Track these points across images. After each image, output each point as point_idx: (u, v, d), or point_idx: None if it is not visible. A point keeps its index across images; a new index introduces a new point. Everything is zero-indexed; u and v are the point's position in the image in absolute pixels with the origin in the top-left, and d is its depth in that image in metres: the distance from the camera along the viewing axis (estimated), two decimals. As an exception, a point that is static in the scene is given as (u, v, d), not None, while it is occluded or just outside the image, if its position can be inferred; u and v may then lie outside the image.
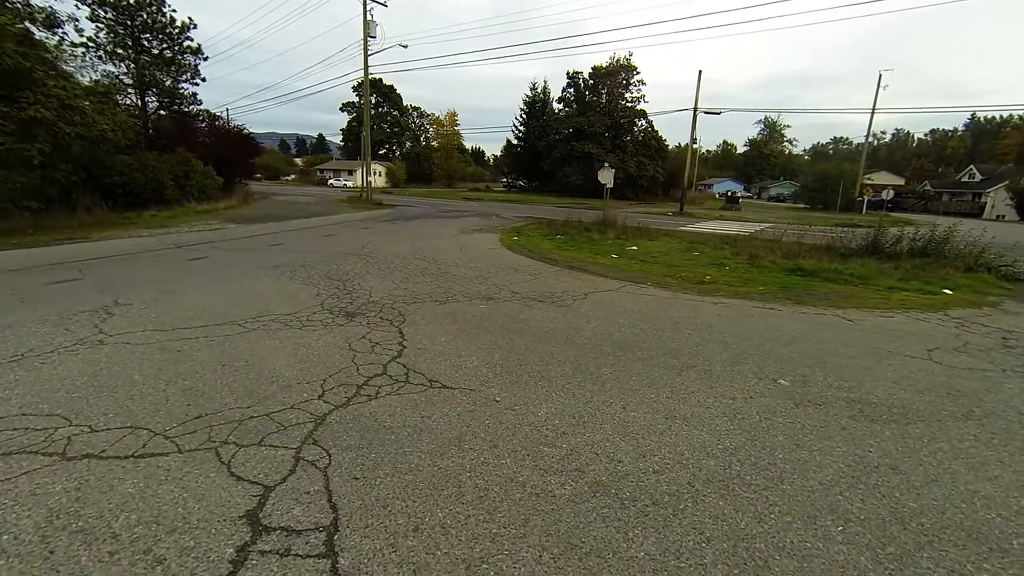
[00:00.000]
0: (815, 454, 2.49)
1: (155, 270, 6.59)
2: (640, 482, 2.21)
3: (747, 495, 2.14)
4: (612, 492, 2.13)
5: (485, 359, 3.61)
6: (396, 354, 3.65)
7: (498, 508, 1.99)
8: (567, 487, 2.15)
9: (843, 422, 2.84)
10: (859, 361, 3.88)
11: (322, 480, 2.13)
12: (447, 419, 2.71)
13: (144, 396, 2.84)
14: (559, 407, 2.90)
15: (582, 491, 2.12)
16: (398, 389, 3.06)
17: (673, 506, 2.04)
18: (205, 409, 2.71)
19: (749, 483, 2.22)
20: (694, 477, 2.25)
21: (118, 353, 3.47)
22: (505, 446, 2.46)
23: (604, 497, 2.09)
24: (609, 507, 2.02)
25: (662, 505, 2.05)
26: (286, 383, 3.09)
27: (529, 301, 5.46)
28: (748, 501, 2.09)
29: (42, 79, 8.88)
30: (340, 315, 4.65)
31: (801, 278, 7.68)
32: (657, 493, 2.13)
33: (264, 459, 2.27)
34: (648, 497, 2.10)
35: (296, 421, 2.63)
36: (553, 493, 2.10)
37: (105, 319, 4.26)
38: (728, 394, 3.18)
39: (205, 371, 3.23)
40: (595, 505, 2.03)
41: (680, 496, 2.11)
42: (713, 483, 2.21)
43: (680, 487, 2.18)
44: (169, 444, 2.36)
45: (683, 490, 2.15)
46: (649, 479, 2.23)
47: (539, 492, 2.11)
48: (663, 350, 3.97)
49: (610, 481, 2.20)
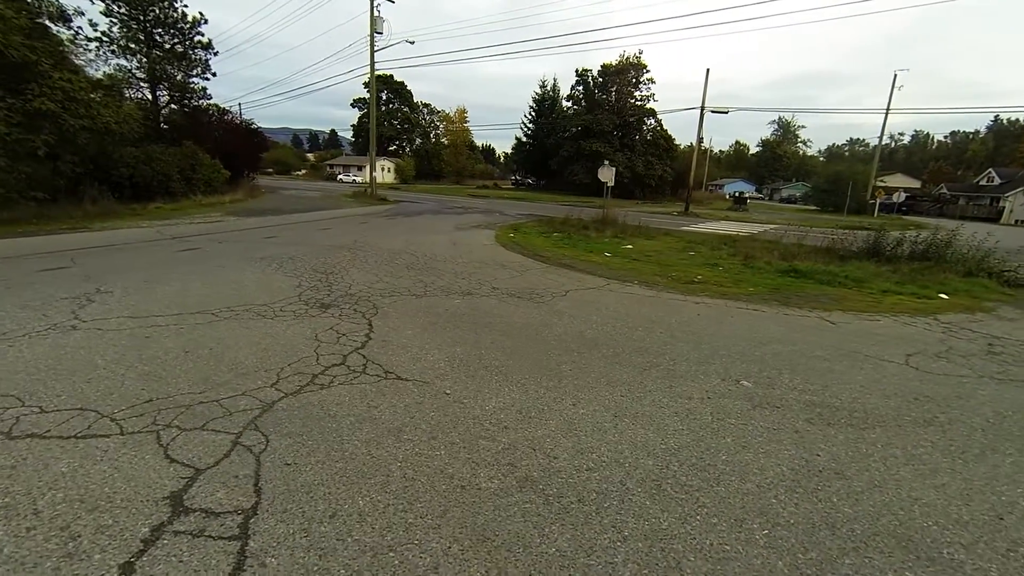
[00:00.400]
0: (760, 456, 2.43)
1: (145, 259, 6.74)
2: (571, 479, 2.18)
3: (678, 495, 2.10)
4: (539, 488, 2.11)
5: (447, 353, 3.61)
6: (360, 345, 3.68)
7: (419, 498, 1.99)
8: (495, 481, 2.13)
9: (798, 425, 2.77)
10: (831, 364, 3.78)
11: (254, 465, 2.16)
12: (393, 410, 2.71)
13: (101, 380, 2.90)
14: (508, 401, 2.88)
15: (509, 486, 2.11)
16: (352, 379, 3.08)
17: (598, 504, 2.01)
18: (158, 394, 2.76)
19: (683, 484, 2.18)
20: (628, 476, 2.22)
21: (87, 339, 3.56)
22: (444, 438, 2.46)
23: (530, 492, 2.07)
24: (532, 502, 2.00)
25: (587, 503, 2.02)
26: (244, 371, 3.13)
27: (507, 297, 5.44)
28: (677, 502, 2.05)
29: (48, 72, 9.13)
30: (315, 306, 4.69)
31: (794, 279, 7.52)
32: (585, 491, 2.10)
33: (203, 443, 2.30)
34: (575, 494, 2.07)
35: (244, 407, 2.66)
36: (479, 487, 2.09)
37: (84, 306, 4.37)
38: (686, 394, 3.12)
39: (168, 357, 3.29)
40: (518, 500, 2.01)
41: (608, 494, 2.08)
42: (646, 482, 2.18)
43: (610, 485, 2.15)
44: (113, 426, 2.41)
45: (612, 488, 2.12)
46: (581, 476, 2.21)
47: (465, 485, 2.10)
48: (630, 348, 3.92)
49: (540, 477, 2.18)
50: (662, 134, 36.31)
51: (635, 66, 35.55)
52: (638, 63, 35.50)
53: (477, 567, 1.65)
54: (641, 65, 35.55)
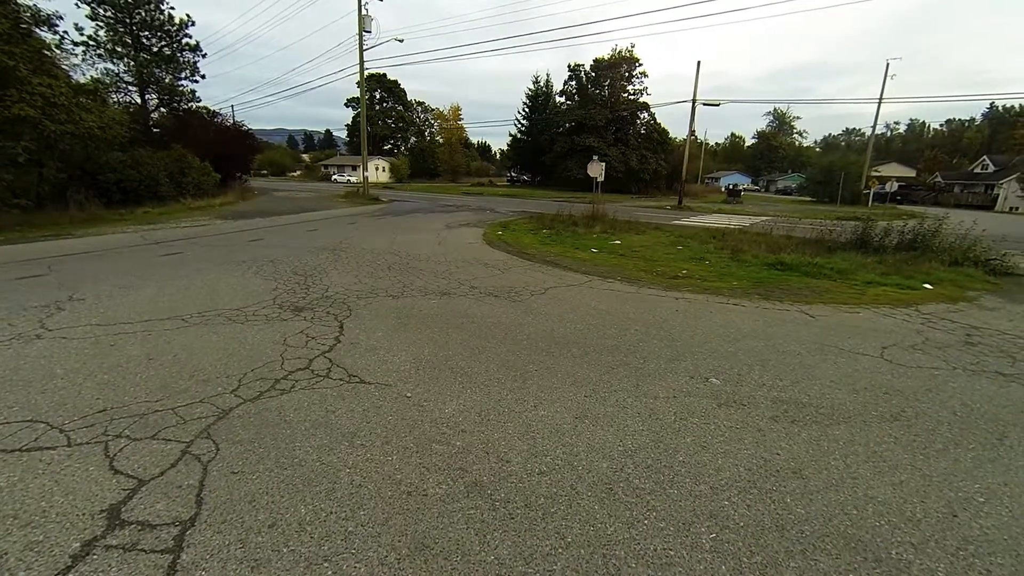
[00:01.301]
0: (718, 457, 2.40)
1: (124, 265, 6.69)
2: (521, 483, 2.15)
3: (628, 499, 2.07)
4: (487, 493, 2.08)
5: (414, 355, 3.58)
6: (327, 348, 3.64)
7: (363, 506, 1.96)
8: (443, 487, 2.11)
9: (762, 424, 2.74)
10: (804, 359, 3.74)
11: (200, 474, 2.13)
12: (350, 414, 2.68)
13: (57, 390, 2.87)
14: (468, 404, 2.85)
15: (457, 491, 2.08)
16: (314, 384, 3.04)
17: (544, 509, 1.98)
18: (113, 403, 2.73)
19: (635, 487, 2.15)
20: (579, 479, 2.19)
21: (50, 348, 3.52)
22: (397, 443, 2.43)
23: (477, 498, 2.04)
24: (478, 508, 1.98)
25: (534, 508, 1.99)
26: (205, 377, 3.10)
27: (485, 296, 5.40)
28: (626, 506, 2.02)
29: (26, 77, 9.03)
30: (288, 310, 4.65)
31: (779, 272, 7.48)
32: (534, 496, 2.07)
33: (151, 453, 2.27)
34: (523, 499, 2.04)
35: (199, 415, 2.63)
36: (426, 492, 2.06)
37: (52, 314, 4.33)
38: (652, 393, 3.09)
39: (130, 365, 3.26)
40: (464, 506, 1.99)
41: (556, 499, 2.05)
42: (597, 486, 2.15)
43: (561, 490, 2.12)
44: (61, 438, 2.37)
45: (562, 493, 2.09)
46: (532, 480, 2.17)
47: (412, 491, 2.07)
48: (601, 347, 3.88)
49: (489, 482, 2.15)
50: (656, 128, 36.12)
51: (628, 60, 35.30)
52: (631, 57, 35.25)
53: (411, 577, 1.63)
54: (634, 59, 35.30)
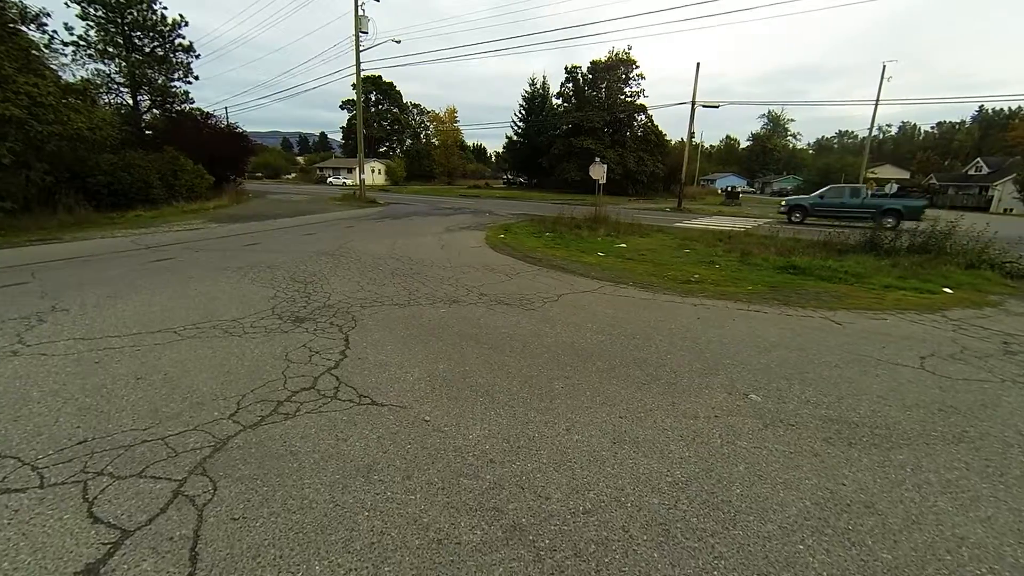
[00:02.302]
0: (779, 488, 2.16)
1: (113, 272, 6.34)
2: (565, 525, 1.89)
3: (690, 543, 1.81)
4: (529, 539, 1.81)
5: (428, 371, 3.31)
6: (333, 365, 3.35)
7: (388, 560, 1.69)
8: (478, 532, 1.84)
9: (816, 447, 2.51)
10: (843, 371, 3.53)
11: (195, 521, 1.84)
12: (363, 443, 2.40)
13: (32, 417, 2.56)
14: (494, 429, 2.58)
15: (494, 537, 1.81)
16: (321, 406, 2.76)
17: (597, 559, 1.72)
18: (95, 432, 2.43)
19: (695, 528, 1.90)
20: (631, 519, 1.93)
21: (27, 365, 3.20)
22: (420, 477, 2.16)
23: (518, 546, 1.77)
24: (520, 559, 1.71)
25: (584, 557, 1.73)
26: (199, 399, 2.80)
27: (496, 304, 5.14)
28: (689, 552, 1.77)
29: (11, 76, 8.65)
30: (288, 321, 4.35)
31: (793, 276, 7.30)
32: (582, 541, 1.81)
33: (137, 495, 1.98)
34: (570, 547, 1.78)
35: (193, 445, 2.33)
36: (459, 540, 1.80)
37: (32, 327, 4.00)
38: (691, 412, 2.85)
39: (115, 386, 2.95)
40: (504, 556, 1.72)
41: (609, 545, 1.79)
42: (652, 527, 1.89)
43: (612, 532, 1.86)
44: (33, 476, 2.07)
45: (614, 536, 1.84)
46: (577, 521, 1.91)
47: (443, 538, 1.80)
48: (628, 360, 3.63)
49: (529, 525, 1.89)
50: (653, 130, 36.15)
51: (624, 62, 35.36)
52: (627, 59, 35.31)
53: (452, 656, 1.36)
54: (630, 61, 35.36)
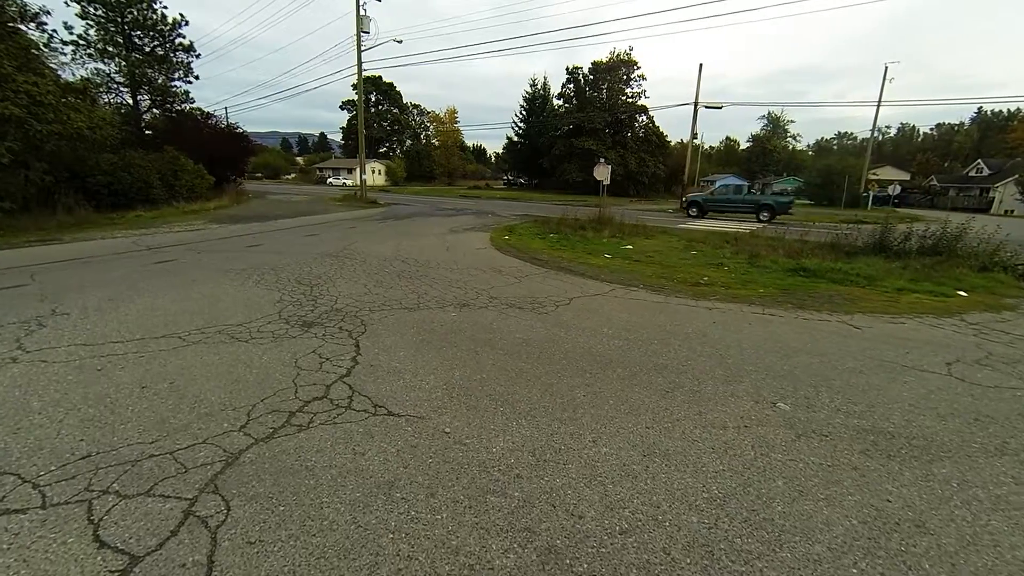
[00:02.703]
0: (822, 506, 2.05)
1: (114, 274, 6.21)
2: (603, 548, 1.78)
3: (736, 567, 1.71)
4: (566, 563, 1.70)
5: (444, 378, 3.19)
6: (345, 372, 3.24)
7: (417, 588, 1.58)
8: (511, 556, 1.73)
9: (854, 459, 2.40)
10: (869, 378, 3.43)
11: (208, 546, 1.72)
12: (382, 457, 2.29)
13: (33, 429, 2.44)
14: (518, 441, 2.47)
15: (528, 561, 1.70)
16: (336, 417, 2.65)
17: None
18: (99, 446, 2.31)
19: (739, 549, 1.79)
20: (671, 540, 1.83)
21: (27, 374, 3.08)
22: (445, 494, 2.04)
23: (555, 571, 1.66)
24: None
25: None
26: (208, 410, 2.68)
27: (507, 308, 5.03)
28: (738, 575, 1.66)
29: (11, 75, 8.51)
30: (296, 325, 4.24)
31: (804, 279, 7.20)
32: (623, 565, 1.70)
33: (145, 515, 1.86)
34: (610, 571, 1.67)
35: (203, 460, 2.22)
36: (492, 564, 1.68)
37: (31, 332, 3.87)
38: (719, 422, 2.74)
39: (119, 395, 2.83)
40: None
41: (651, 570, 1.68)
42: (694, 549, 1.79)
43: (653, 555, 1.75)
44: (35, 496, 1.95)
45: (655, 560, 1.73)
46: (615, 543, 1.81)
47: (474, 563, 1.69)
48: (648, 366, 3.53)
49: (565, 547, 1.78)
50: (654, 131, 36.14)
51: (626, 63, 35.34)
52: (629, 60, 35.30)
53: None
54: (632, 62, 35.35)
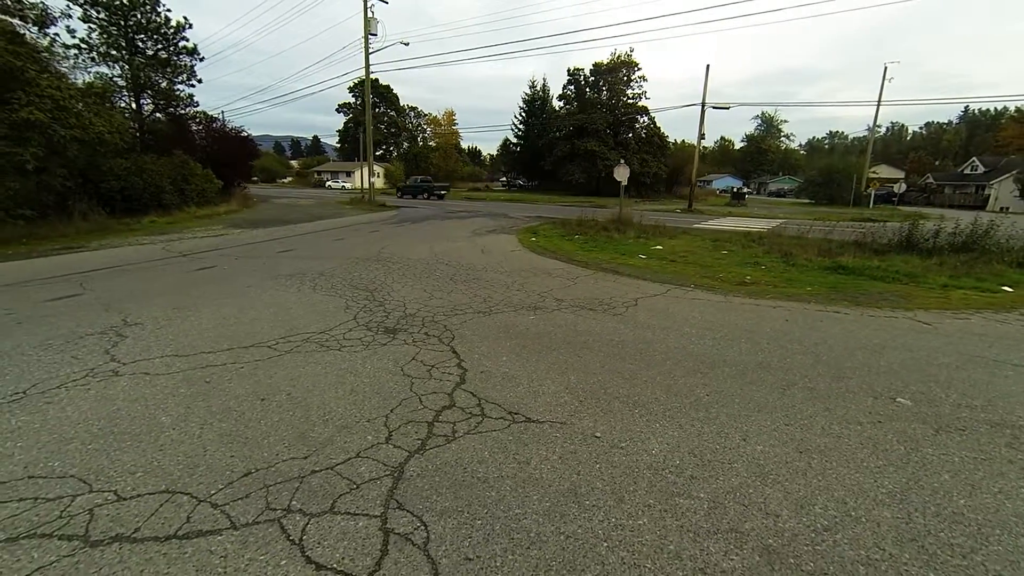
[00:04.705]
0: (1001, 498, 2.07)
1: (162, 282, 6.06)
2: (817, 545, 1.78)
3: (956, 561, 1.71)
4: (791, 562, 1.69)
5: (561, 382, 3.17)
6: (459, 380, 3.19)
7: (663, 597, 1.55)
8: (734, 558, 1.71)
9: (1004, 452, 2.44)
10: (970, 373, 3.48)
11: (427, 565, 1.66)
12: (549, 464, 2.26)
13: (176, 445, 2.36)
14: (671, 442, 2.46)
15: (755, 563, 1.69)
16: (476, 426, 2.61)
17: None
18: (254, 463, 2.24)
19: (948, 543, 1.80)
20: (878, 536, 1.83)
21: (137, 387, 2.98)
22: (633, 499, 2.02)
23: (786, 570, 1.65)
24: (800, 589, 1.59)
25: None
26: (343, 422, 2.62)
27: (578, 310, 5.01)
28: (964, 571, 1.67)
29: (35, 79, 8.25)
30: (379, 332, 4.17)
31: (844, 276, 7.32)
32: (847, 562, 1.70)
33: (343, 535, 1.80)
34: (839, 568, 1.67)
35: (369, 475, 2.16)
36: (720, 567, 1.67)
37: (116, 343, 3.75)
38: (851, 418, 2.76)
39: (242, 408, 2.75)
40: (782, 587, 1.60)
41: (877, 565, 1.68)
42: (905, 544, 1.79)
43: (870, 552, 1.75)
44: (219, 516, 1.88)
45: (875, 556, 1.73)
46: (825, 541, 1.80)
47: (703, 567, 1.67)
48: (751, 364, 3.54)
49: (780, 546, 1.77)
50: (656, 132, 36.47)
51: (627, 64, 35.64)
52: (629, 61, 35.61)
53: None
54: (632, 63, 35.66)
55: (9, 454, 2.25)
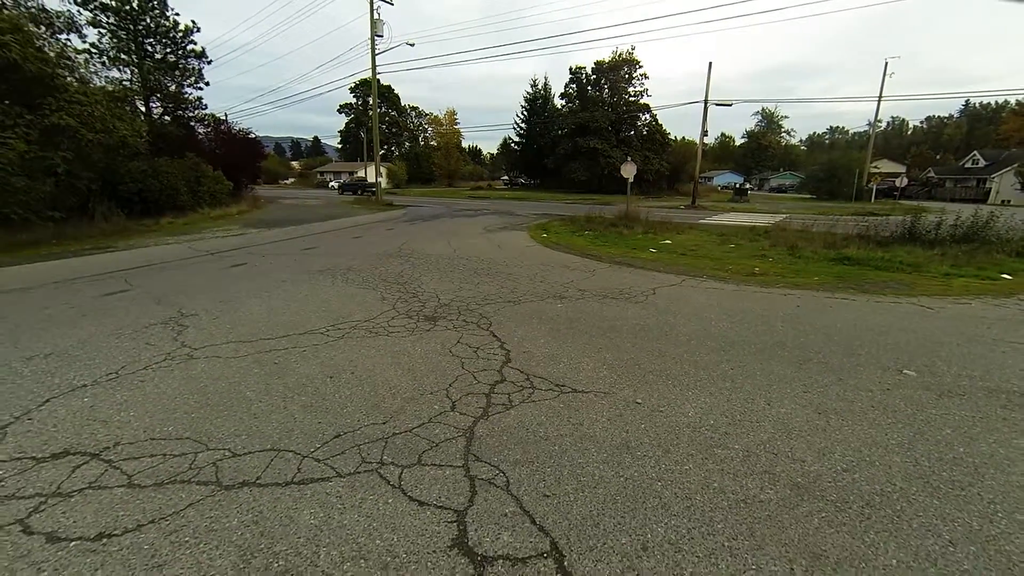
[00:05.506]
0: (996, 447, 2.39)
1: (200, 278, 6.36)
2: (839, 481, 2.09)
3: (955, 492, 2.03)
4: (818, 494, 2.01)
5: (598, 359, 3.48)
6: (504, 359, 3.50)
7: (713, 519, 1.86)
8: (769, 491, 2.02)
9: (999, 412, 2.75)
10: (970, 349, 3.79)
11: (513, 501, 1.98)
12: (601, 425, 2.57)
13: (267, 414, 2.67)
14: (705, 407, 2.77)
15: (786, 495, 2.00)
16: (529, 396, 2.92)
17: (890, 507, 1.93)
18: (340, 428, 2.55)
19: (949, 480, 2.12)
20: (891, 474, 2.14)
21: (215, 368, 3.29)
22: (678, 451, 2.33)
23: (814, 500, 1.97)
24: (825, 510, 1.90)
25: (876, 507, 1.93)
26: (408, 395, 2.93)
27: (602, 298, 5.32)
28: (963, 499, 1.98)
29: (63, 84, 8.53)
30: (420, 319, 4.48)
31: (849, 267, 7.62)
32: (864, 494, 2.01)
33: (435, 480, 2.11)
34: (858, 498, 1.98)
35: (444, 437, 2.47)
36: (760, 498, 1.98)
37: (180, 331, 4.06)
38: (863, 386, 3.08)
39: (315, 385, 3.06)
40: (812, 509, 1.91)
41: (889, 495, 2.00)
42: (914, 480, 2.11)
43: (883, 486, 2.06)
44: (325, 468, 2.19)
45: (889, 488, 2.04)
46: (844, 479, 2.11)
47: (745, 499, 1.98)
48: (768, 343, 3.86)
49: (807, 483, 2.08)
50: (658, 129, 36.70)
51: (628, 62, 35.85)
52: (631, 59, 35.81)
53: (838, 592, 1.54)
54: (634, 61, 35.87)
55: (127, 421, 2.57)
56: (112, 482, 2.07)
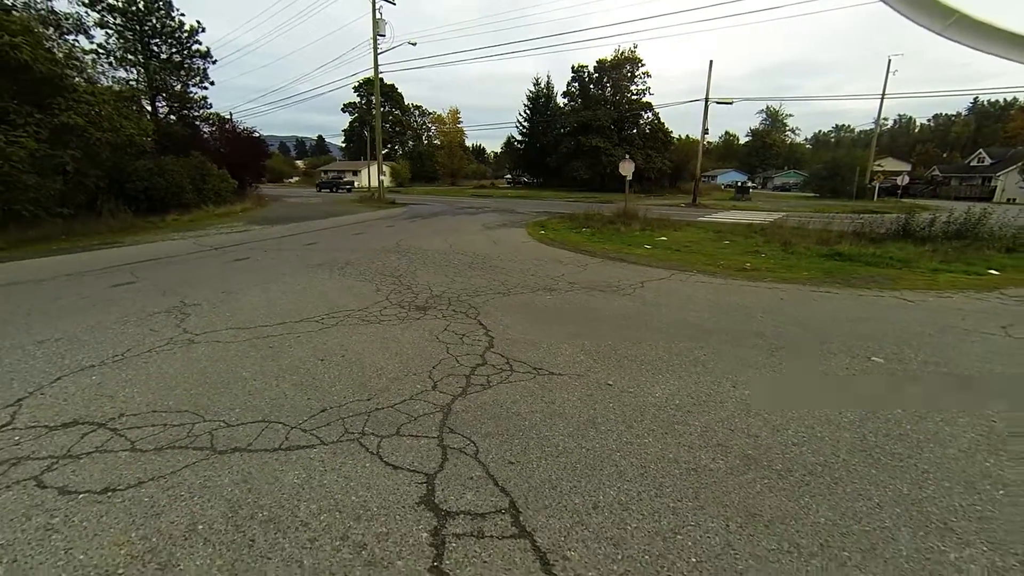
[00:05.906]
0: (942, 424, 2.52)
1: (204, 271, 6.60)
2: (787, 454, 2.24)
3: (894, 463, 2.17)
4: (764, 464, 2.16)
5: (577, 346, 3.64)
6: (487, 344, 3.68)
7: (663, 484, 2.02)
8: (720, 461, 2.18)
9: (953, 395, 2.88)
10: (940, 339, 3.91)
11: (480, 467, 2.15)
12: (571, 403, 2.74)
13: (261, 391, 2.86)
14: (672, 388, 2.93)
15: (734, 465, 2.16)
16: (507, 377, 3.08)
17: (830, 475, 2.08)
18: (327, 403, 2.73)
19: (891, 452, 2.26)
20: (836, 448, 2.29)
21: (214, 351, 3.49)
22: (640, 426, 2.49)
23: (759, 469, 2.12)
24: (768, 478, 2.06)
25: (817, 475, 2.08)
26: (393, 376, 3.11)
27: (590, 291, 5.48)
28: (900, 469, 2.13)
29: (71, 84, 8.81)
30: (411, 309, 4.66)
31: (840, 262, 7.70)
32: (808, 464, 2.16)
33: (410, 448, 2.29)
34: (801, 467, 2.13)
35: (423, 412, 2.65)
36: (709, 467, 2.14)
37: (183, 319, 4.27)
38: (830, 371, 3.22)
39: (307, 366, 3.25)
40: (755, 476, 2.06)
41: (831, 465, 2.14)
42: (857, 453, 2.25)
43: (827, 458, 2.21)
44: (310, 437, 2.38)
45: (833, 460, 2.19)
46: (792, 452, 2.26)
47: (696, 468, 2.14)
48: (745, 332, 3.99)
49: (757, 455, 2.23)
50: (659, 127, 36.65)
51: (630, 60, 35.81)
52: (633, 57, 35.77)
53: (766, 542, 1.70)
54: (636, 59, 35.83)
55: (131, 396, 2.77)
56: (117, 447, 2.27)
